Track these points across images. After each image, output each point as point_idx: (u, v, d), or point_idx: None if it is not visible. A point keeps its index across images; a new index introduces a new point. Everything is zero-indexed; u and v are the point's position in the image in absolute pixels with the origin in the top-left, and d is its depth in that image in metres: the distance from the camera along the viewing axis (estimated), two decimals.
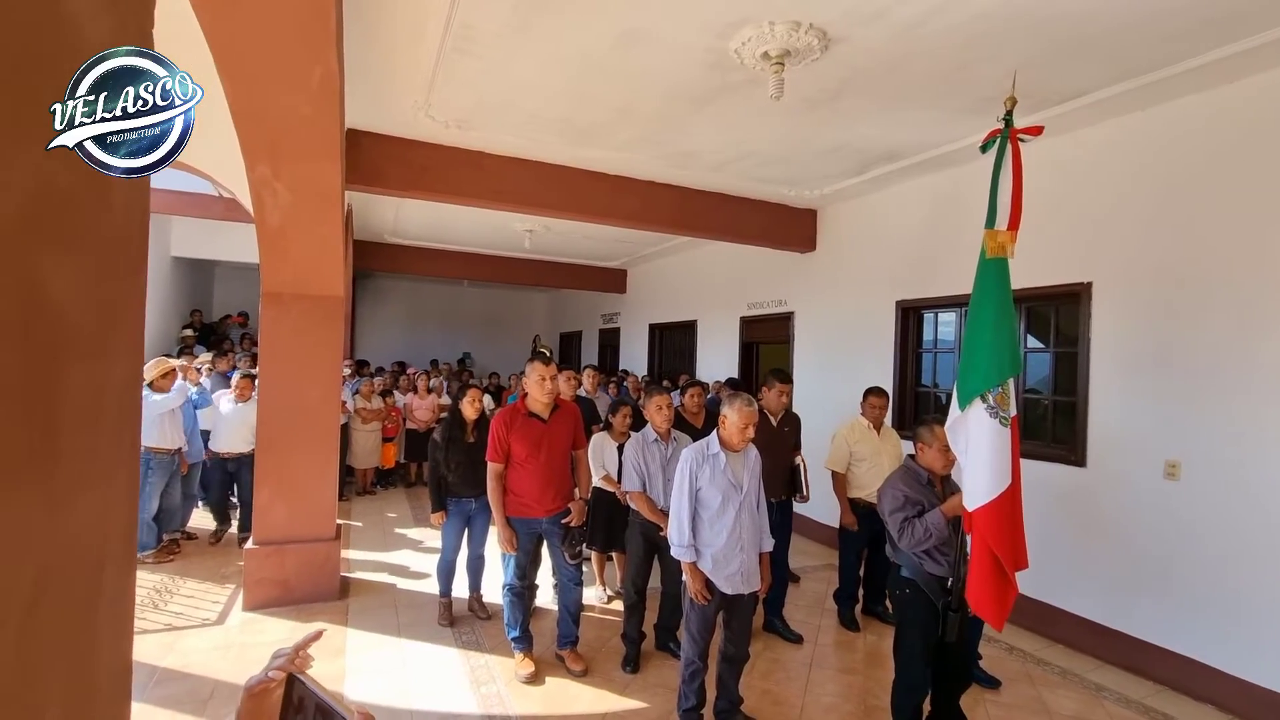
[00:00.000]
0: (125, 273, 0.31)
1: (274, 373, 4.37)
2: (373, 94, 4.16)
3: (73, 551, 0.27)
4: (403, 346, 13.17)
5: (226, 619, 4.10)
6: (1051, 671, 3.83)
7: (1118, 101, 3.79)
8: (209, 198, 8.18)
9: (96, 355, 0.27)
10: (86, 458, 0.27)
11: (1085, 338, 4.19)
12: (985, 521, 2.58)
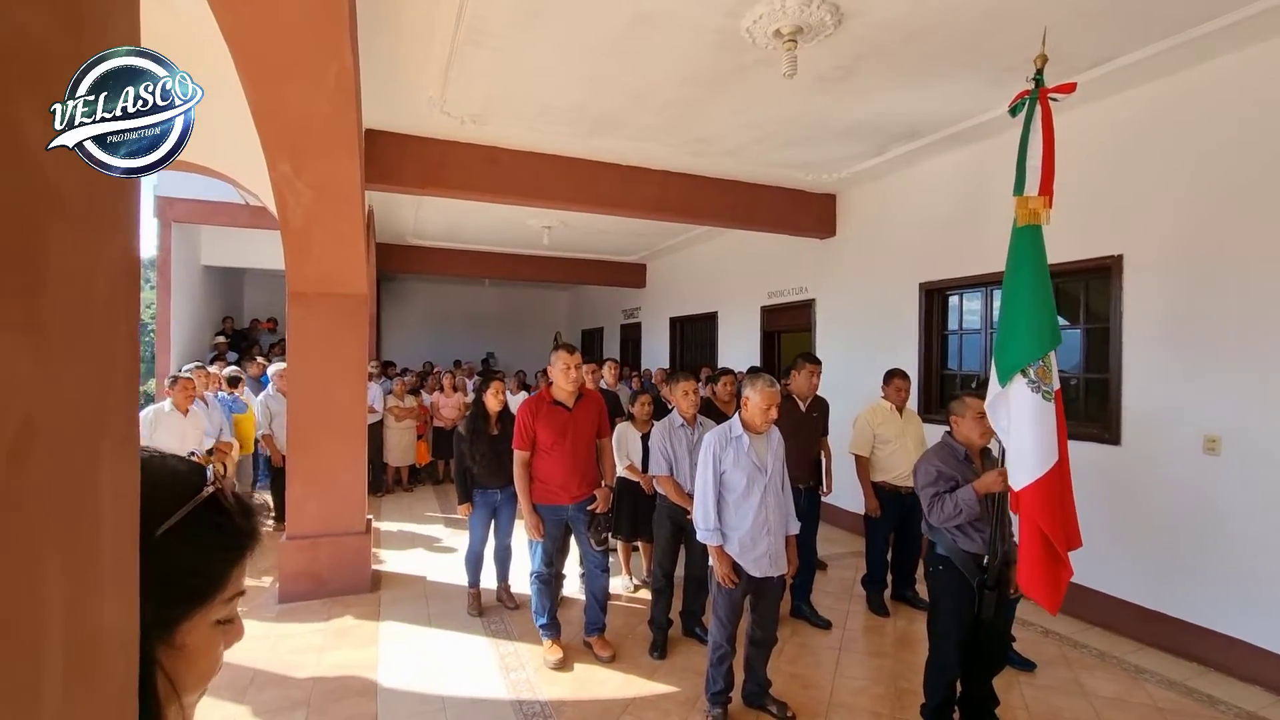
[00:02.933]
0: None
1: (303, 370, 4.45)
2: (389, 93, 4.21)
3: (65, 410, 0.27)
4: (427, 348, 13.34)
5: (263, 611, 4.20)
6: (1089, 654, 3.75)
7: (1150, 65, 3.66)
8: (236, 206, 8.39)
9: (84, 225, 0.28)
10: (77, 321, 0.28)
11: (1117, 312, 4.08)
12: (1033, 500, 2.49)
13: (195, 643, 0.53)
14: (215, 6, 2.44)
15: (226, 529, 0.55)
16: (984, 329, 5.19)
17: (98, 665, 0.32)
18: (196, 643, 0.53)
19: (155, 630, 0.48)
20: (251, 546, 0.58)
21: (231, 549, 0.56)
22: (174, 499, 0.51)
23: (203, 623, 0.54)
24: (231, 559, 0.56)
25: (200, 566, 0.53)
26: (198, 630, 0.53)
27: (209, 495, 0.53)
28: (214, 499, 0.54)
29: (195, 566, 0.52)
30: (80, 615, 0.30)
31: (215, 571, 0.54)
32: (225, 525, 0.55)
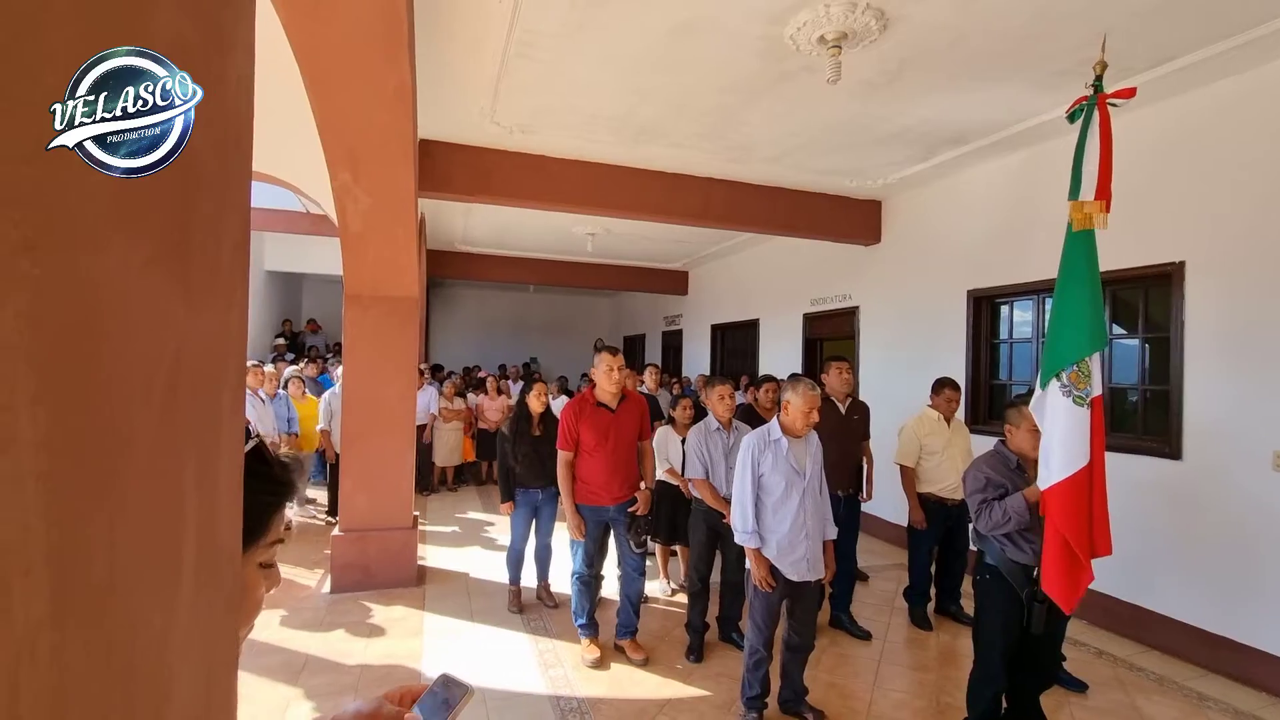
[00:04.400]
0: (237, 132, 0.38)
1: (356, 369, 4.65)
2: (442, 104, 4.39)
3: (202, 350, 0.33)
4: (473, 352, 13.66)
5: (316, 600, 4.38)
6: (1146, 678, 3.59)
7: (1212, 65, 3.53)
8: (298, 214, 8.80)
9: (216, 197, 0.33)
10: (211, 273, 0.34)
11: (1178, 321, 3.92)
12: (1055, 502, 2.49)
13: (244, 581, 0.60)
14: (287, 25, 2.61)
15: (268, 478, 0.62)
16: (1035, 338, 5.04)
17: (215, 572, 0.39)
18: (245, 581, 0.60)
19: None
20: (289, 496, 0.65)
21: (273, 496, 0.63)
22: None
23: (249, 563, 0.60)
24: (272, 505, 0.63)
25: (248, 509, 0.59)
26: (246, 570, 0.60)
27: (254, 447, 0.60)
28: (258, 451, 0.61)
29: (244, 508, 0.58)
30: (207, 527, 0.36)
31: (259, 516, 0.61)
32: (267, 475, 0.62)
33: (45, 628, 0.24)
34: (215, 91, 0.38)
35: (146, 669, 0.30)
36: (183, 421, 0.32)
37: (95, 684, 0.27)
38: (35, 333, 0.23)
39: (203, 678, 0.37)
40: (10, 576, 0.22)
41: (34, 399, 0.23)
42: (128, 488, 0.28)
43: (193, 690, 0.35)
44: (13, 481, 0.22)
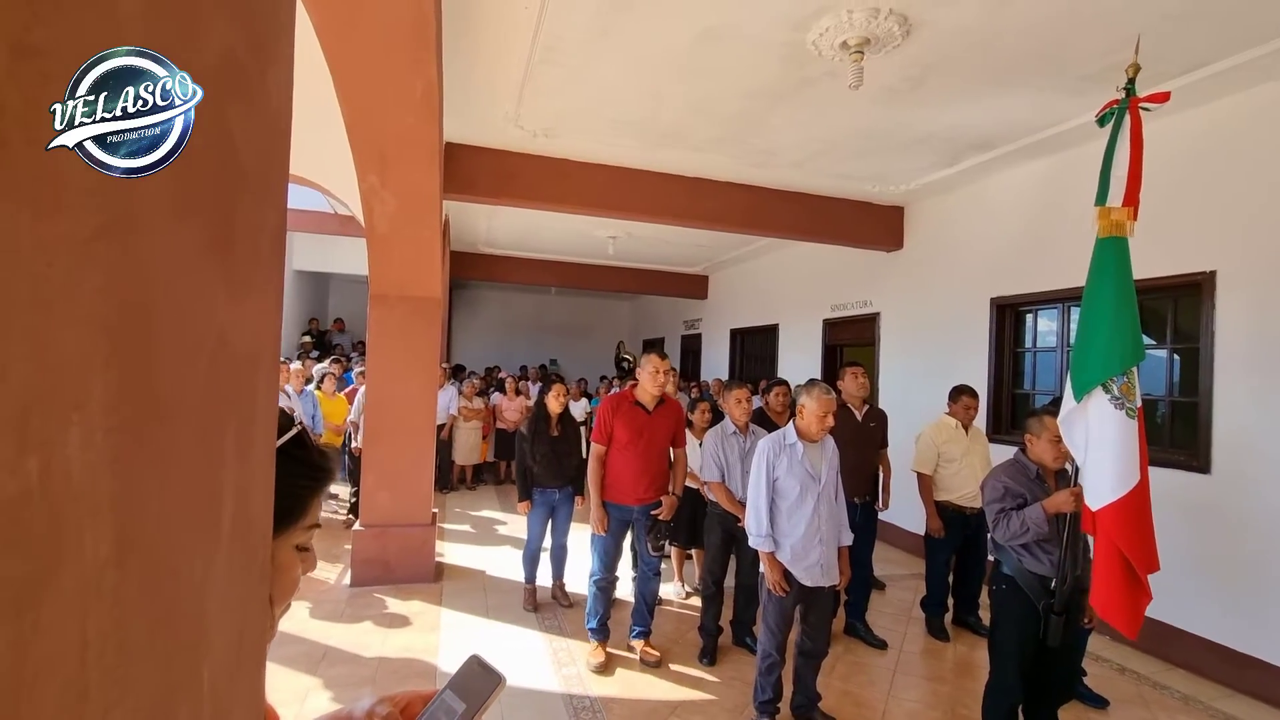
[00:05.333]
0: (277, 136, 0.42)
1: (380, 367, 4.74)
2: (467, 108, 4.47)
3: (243, 330, 0.36)
4: (494, 353, 13.79)
5: (336, 593, 4.47)
6: (1171, 696, 3.51)
7: (1244, 71, 3.47)
8: (326, 215, 8.98)
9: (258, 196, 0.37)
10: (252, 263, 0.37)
11: (1208, 332, 3.84)
12: (1113, 521, 2.38)
13: (281, 560, 0.63)
14: (319, 31, 2.69)
15: (307, 463, 0.65)
16: (1060, 347, 4.97)
17: (248, 545, 0.42)
18: (282, 560, 0.63)
19: None
20: (327, 482, 0.68)
21: (312, 480, 0.66)
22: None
23: (286, 544, 0.64)
24: (311, 489, 0.66)
25: (287, 491, 0.61)
26: (283, 550, 0.63)
27: (297, 433, 0.64)
28: (300, 436, 0.64)
29: (284, 491, 0.60)
30: (242, 496, 0.40)
31: (298, 498, 0.64)
32: (306, 460, 0.65)
33: (110, 565, 0.27)
34: (259, 97, 0.42)
35: (188, 613, 0.34)
36: (223, 396, 0.36)
37: (146, 619, 0.30)
38: (108, 306, 0.26)
39: (235, 633, 0.40)
40: (83, 518, 0.25)
41: (106, 363, 0.26)
42: (177, 448, 0.32)
43: (227, 642, 0.38)
44: (86, 433, 0.25)
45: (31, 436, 0.23)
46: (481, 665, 0.75)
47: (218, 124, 0.36)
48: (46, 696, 0.24)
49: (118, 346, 0.27)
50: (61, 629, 0.24)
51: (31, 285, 0.23)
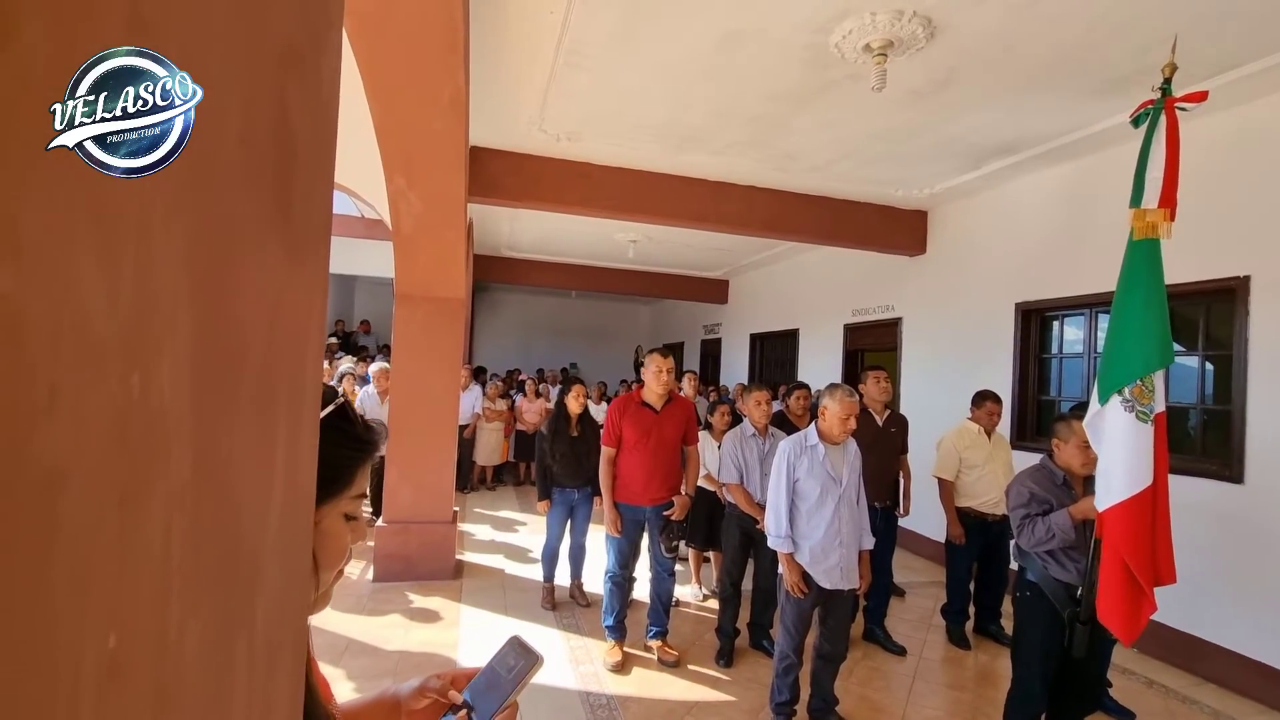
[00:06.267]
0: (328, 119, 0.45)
1: (404, 365, 4.83)
2: (492, 112, 4.54)
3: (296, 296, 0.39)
4: (515, 356, 13.91)
5: (359, 588, 4.55)
6: (1201, 711, 3.43)
7: (1277, 73, 3.40)
8: (353, 218, 9.19)
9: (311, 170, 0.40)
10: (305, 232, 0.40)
11: (1242, 338, 3.76)
12: (1115, 524, 2.36)
13: (330, 527, 0.66)
14: (352, 36, 2.76)
15: (353, 434, 0.69)
16: (1087, 353, 4.89)
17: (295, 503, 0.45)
18: (330, 527, 0.66)
19: None
20: (372, 453, 0.71)
21: (357, 450, 0.69)
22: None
23: (334, 511, 0.67)
24: (357, 459, 0.69)
25: (333, 461, 0.65)
26: (331, 517, 0.66)
27: (340, 405, 0.67)
28: (343, 409, 0.68)
29: (329, 460, 0.63)
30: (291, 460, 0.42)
31: (344, 468, 0.67)
32: (351, 431, 0.69)
33: (190, 488, 0.30)
34: (313, 82, 0.45)
35: (247, 551, 0.37)
36: (279, 354, 0.39)
37: (215, 546, 0.33)
38: (192, 249, 0.29)
39: (283, 580, 0.43)
40: (170, 438, 0.28)
41: (190, 300, 0.29)
42: (240, 392, 0.35)
43: (276, 586, 0.41)
44: (175, 365, 0.28)
45: (135, 355, 0.26)
46: (522, 645, 0.83)
47: (279, 104, 0.39)
48: (141, 581, 0.27)
49: (198, 289, 0.30)
50: (153, 531, 0.28)
51: (140, 213, 0.26)
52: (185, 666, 0.31)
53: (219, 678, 0.34)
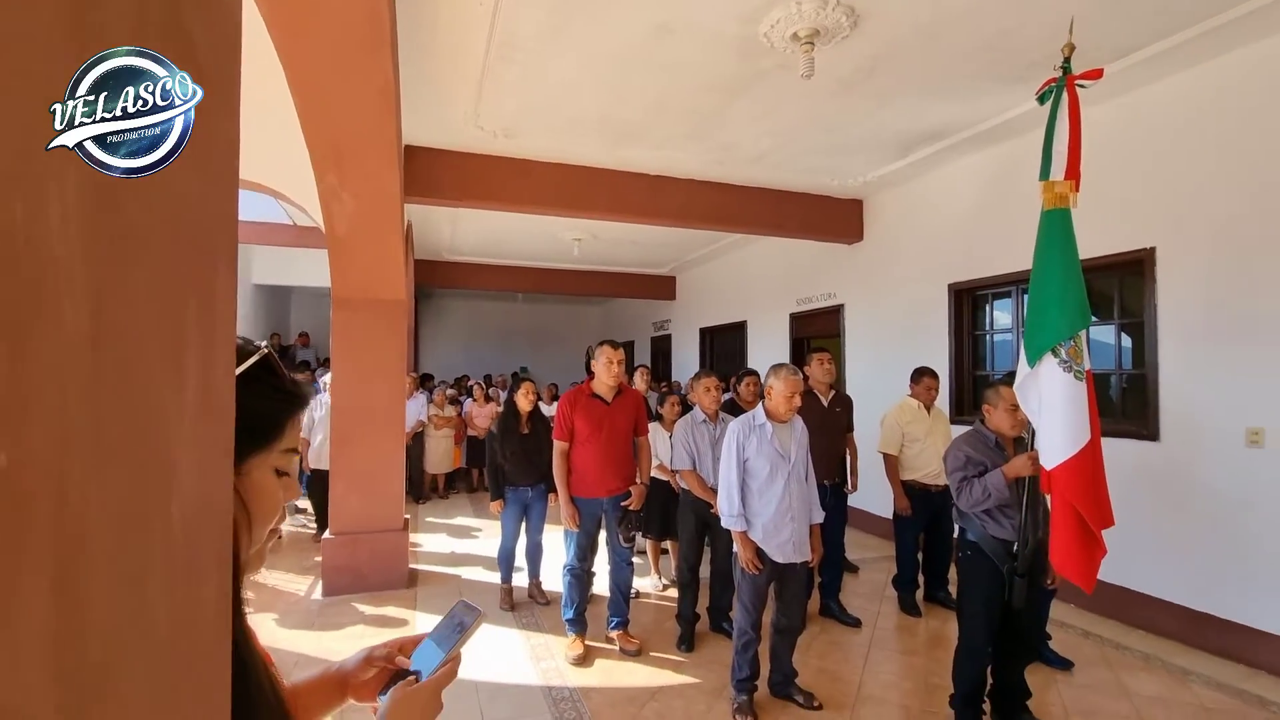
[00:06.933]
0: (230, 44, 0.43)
1: (345, 373, 4.67)
2: (426, 109, 4.45)
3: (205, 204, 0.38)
4: (463, 362, 13.65)
5: (308, 604, 4.37)
6: (1132, 655, 3.64)
7: (1178, 54, 3.64)
8: (285, 227, 8.84)
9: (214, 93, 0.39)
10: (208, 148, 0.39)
11: (1151, 306, 4.02)
12: (1066, 479, 2.49)
13: (260, 480, 0.64)
14: (270, 25, 2.66)
15: (279, 386, 0.67)
16: (1015, 328, 5.14)
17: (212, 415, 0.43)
18: (261, 480, 0.64)
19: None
20: (301, 405, 0.69)
21: (285, 402, 0.67)
22: (238, 359, 0.63)
23: (265, 464, 0.65)
24: (286, 410, 0.67)
25: (260, 412, 0.63)
26: (261, 470, 0.64)
27: (264, 356, 0.65)
28: (268, 361, 0.65)
29: (256, 412, 0.62)
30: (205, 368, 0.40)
31: (273, 419, 0.65)
32: (279, 384, 0.67)
33: (87, 342, 0.28)
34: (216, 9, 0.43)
35: (157, 445, 0.35)
36: (184, 256, 0.37)
37: (120, 425, 0.31)
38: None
39: (203, 498, 0.41)
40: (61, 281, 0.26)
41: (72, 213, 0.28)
42: (139, 288, 0.33)
43: (195, 496, 0.39)
44: (64, 211, 0.27)
45: (19, 183, 0.24)
46: (466, 605, 0.87)
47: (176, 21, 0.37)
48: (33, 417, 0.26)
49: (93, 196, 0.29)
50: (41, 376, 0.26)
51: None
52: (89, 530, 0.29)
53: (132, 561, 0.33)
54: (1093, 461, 2.50)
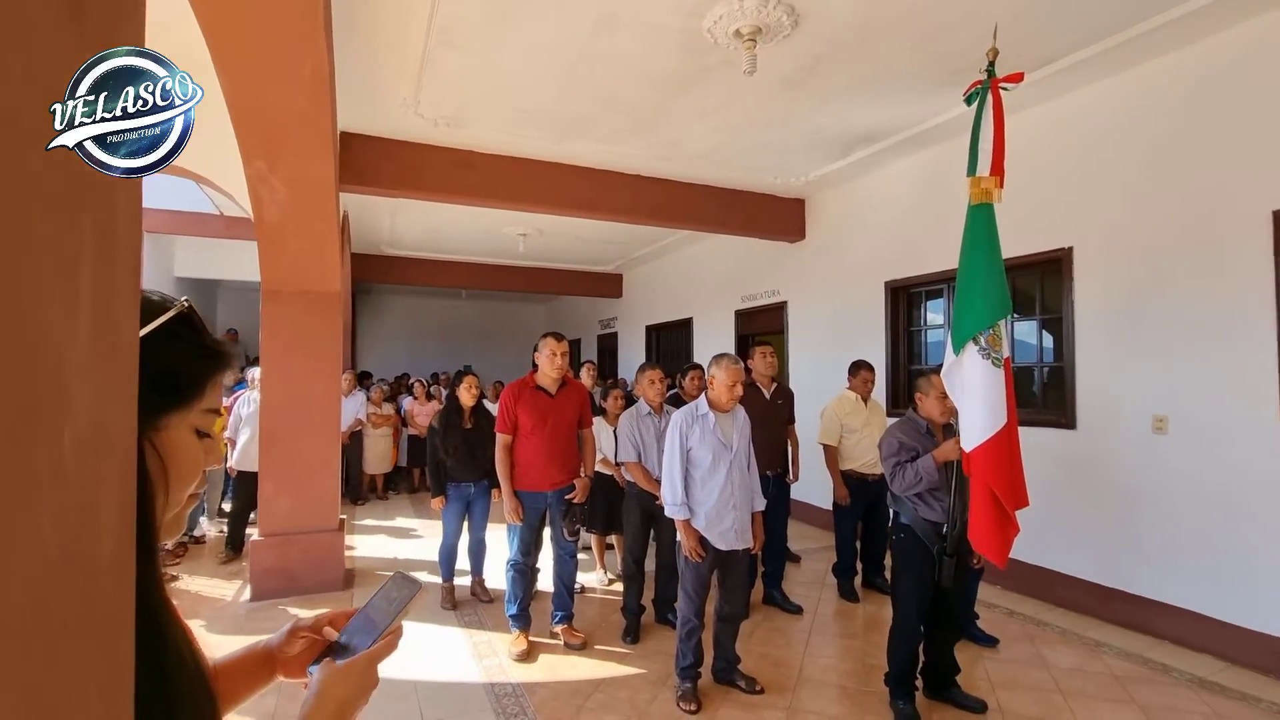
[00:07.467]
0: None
1: (275, 368, 4.46)
2: (363, 95, 4.30)
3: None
4: (405, 360, 13.28)
5: (234, 609, 4.16)
6: (1051, 631, 3.86)
7: (1092, 66, 3.87)
8: (210, 216, 8.35)
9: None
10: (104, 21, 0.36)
11: (1069, 301, 4.27)
12: (983, 460, 2.62)
13: (179, 439, 0.61)
14: (195, 3, 2.51)
15: (199, 342, 0.63)
16: (948, 324, 5.36)
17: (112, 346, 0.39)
18: (180, 439, 0.61)
19: (145, 415, 0.56)
20: (223, 364, 0.66)
21: (207, 359, 0.64)
22: (154, 314, 0.59)
23: (184, 423, 0.61)
24: (207, 369, 0.64)
25: (179, 369, 0.61)
26: (180, 428, 0.61)
27: (184, 312, 0.61)
28: (188, 316, 0.62)
29: (175, 368, 0.60)
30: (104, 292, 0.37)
31: (192, 376, 0.62)
32: (199, 341, 0.63)
33: None
34: None
35: (47, 363, 0.32)
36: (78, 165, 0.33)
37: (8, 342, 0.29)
38: None
39: (99, 427, 0.38)
40: None
41: None
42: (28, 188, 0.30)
43: (89, 423, 0.36)
44: None
45: None
46: (404, 577, 0.83)
47: None
48: None
49: None
50: None
51: None
52: None
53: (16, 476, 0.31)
54: (1008, 444, 2.63)
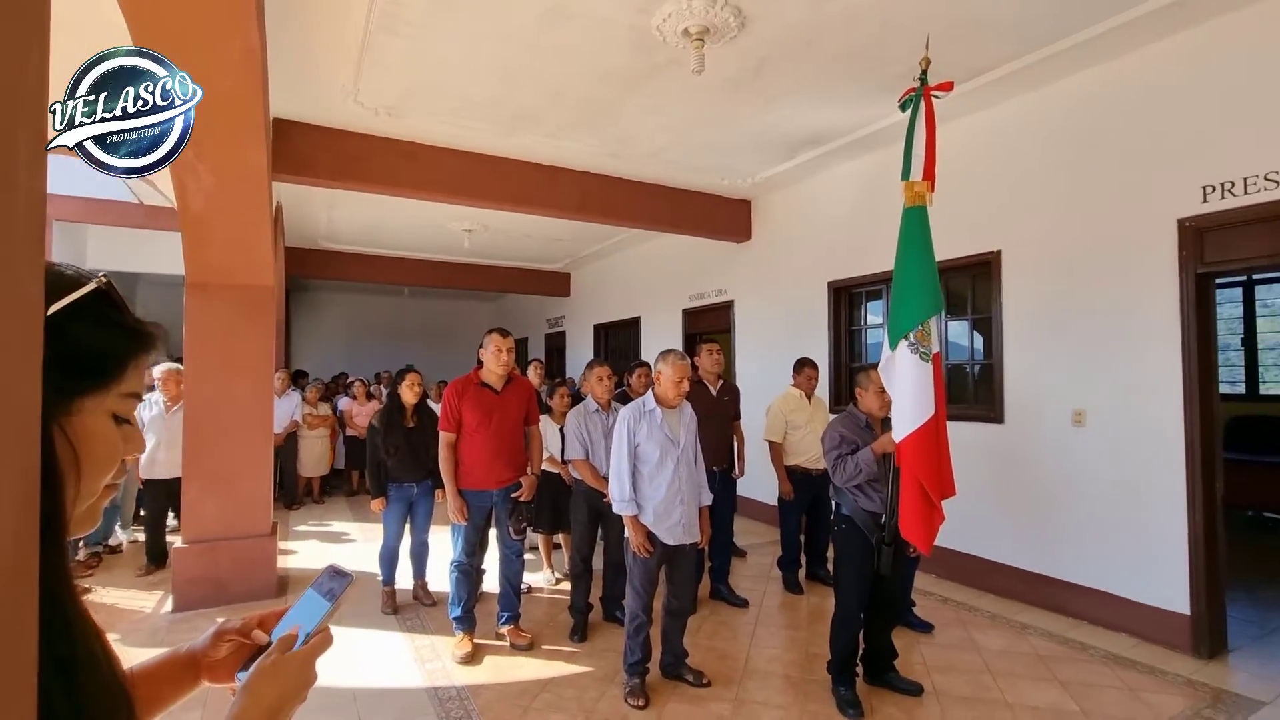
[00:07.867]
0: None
1: (200, 365, 4.22)
2: (300, 81, 4.12)
3: None
4: (344, 360, 12.82)
5: (154, 621, 3.91)
6: (981, 615, 4.04)
7: (1015, 80, 4.08)
8: (128, 205, 7.83)
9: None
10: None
11: (998, 302, 4.48)
12: (910, 451, 2.72)
13: (94, 424, 0.56)
14: None
15: (118, 320, 0.58)
16: (886, 324, 5.55)
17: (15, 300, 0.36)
18: (95, 424, 0.56)
19: (56, 399, 0.51)
20: (145, 346, 0.61)
21: (127, 338, 0.59)
22: (67, 290, 0.54)
23: (100, 408, 0.56)
24: (127, 349, 0.59)
25: (97, 348, 0.56)
26: (96, 414, 0.56)
27: (101, 289, 0.56)
28: (106, 292, 0.57)
29: (91, 348, 0.55)
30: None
31: (110, 357, 0.57)
32: (118, 319, 0.58)
33: None
34: None
35: None
36: None
37: None
38: None
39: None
40: None
41: None
42: None
43: None
44: None
45: None
46: (335, 570, 0.82)
47: None
48: None
49: None
50: None
51: None
52: None
53: None
54: (935, 436, 2.75)
